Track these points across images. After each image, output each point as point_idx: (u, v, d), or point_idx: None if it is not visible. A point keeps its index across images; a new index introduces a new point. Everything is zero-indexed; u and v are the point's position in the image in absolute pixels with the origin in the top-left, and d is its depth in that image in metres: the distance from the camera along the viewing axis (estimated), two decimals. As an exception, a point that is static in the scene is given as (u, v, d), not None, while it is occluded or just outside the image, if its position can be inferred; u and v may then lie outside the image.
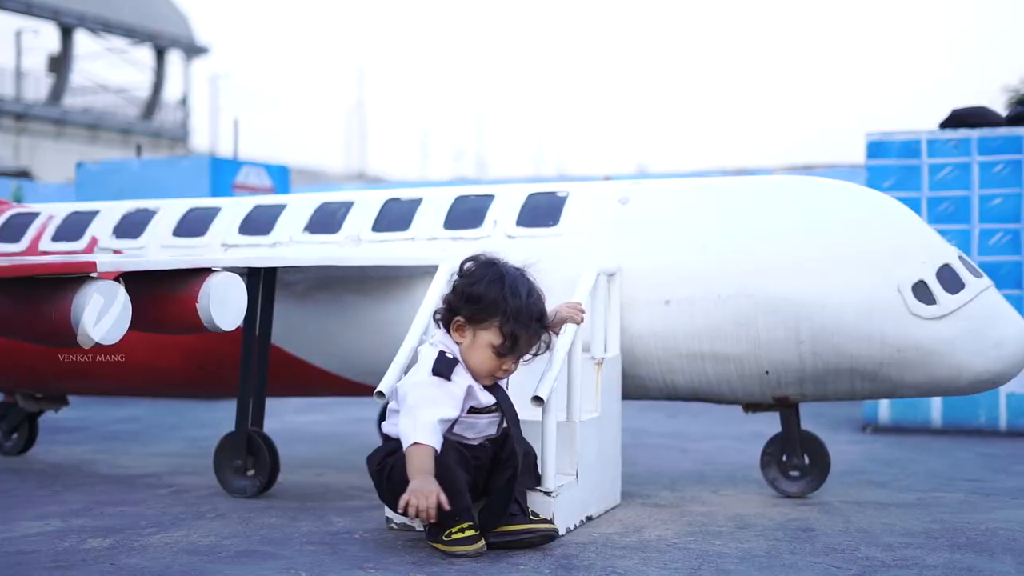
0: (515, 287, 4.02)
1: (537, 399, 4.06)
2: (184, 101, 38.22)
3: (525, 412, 4.31)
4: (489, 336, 3.99)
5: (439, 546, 3.85)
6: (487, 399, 4.03)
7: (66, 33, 33.82)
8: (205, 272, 4.36)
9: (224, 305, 4.35)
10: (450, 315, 4.07)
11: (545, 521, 4.06)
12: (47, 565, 3.68)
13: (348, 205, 5.53)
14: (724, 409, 9.16)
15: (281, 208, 5.63)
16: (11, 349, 5.71)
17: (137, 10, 35.51)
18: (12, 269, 4.13)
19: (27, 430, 6.38)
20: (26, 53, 34.04)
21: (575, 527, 4.34)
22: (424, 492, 3.70)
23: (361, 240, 5.36)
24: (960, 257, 4.87)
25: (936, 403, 7.61)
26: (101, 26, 34.56)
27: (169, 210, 5.83)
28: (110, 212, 5.93)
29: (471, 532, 3.85)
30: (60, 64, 34.11)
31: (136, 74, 37.06)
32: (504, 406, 4.07)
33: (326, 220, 5.49)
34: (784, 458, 5.14)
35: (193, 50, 38.09)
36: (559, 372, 4.19)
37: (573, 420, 4.40)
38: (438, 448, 3.84)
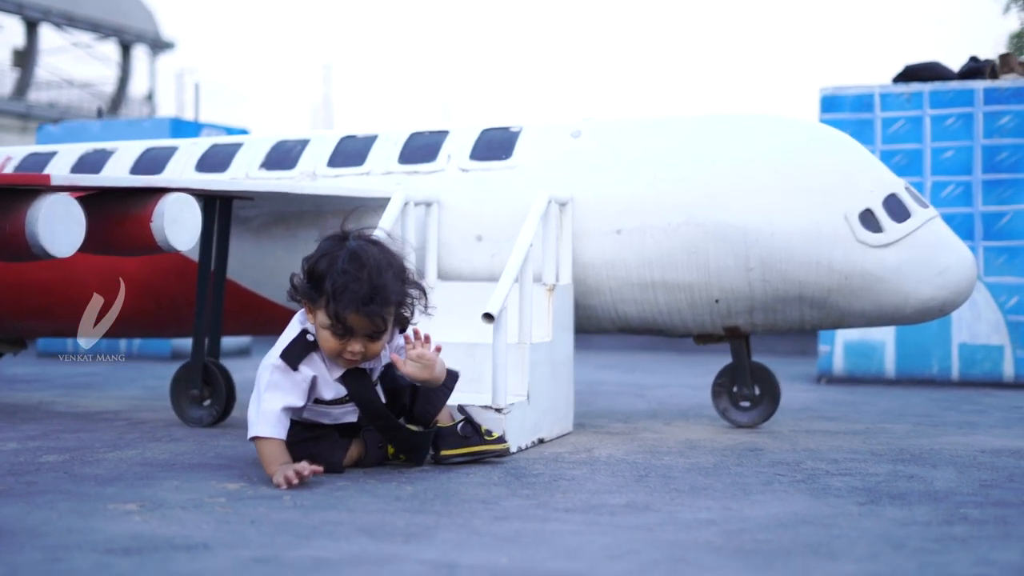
0: (344, 262, 3.61)
1: (487, 316, 4.11)
2: (150, 96, 38.02)
3: (476, 333, 4.39)
4: (322, 317, 3.63)
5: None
6: (333, 392, 3.76)
7: (31, 27, 33.52)
8: (159, 192, 4.40)
9: (178, 225, 4.38)
10: (296, 295, 3.76)
11: (500, 441, 4.07)
12: (2, 472, 3.72)
13: (304, 143, 5.58)
14: (681, 364, 9.27)
15: (238, 147, 5.68)
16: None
17: (102, 5, 35.25)
18: (-34, 179, 4.17)
19: (-16, 373, 6.40)
20: (-10, 48, 33.83)
21: (527, 447, 4.40)
22: (290, 471, 3.51)
23: (316, 175, 5.41)
24: (906, 188, 4.96)
25: (890, 353, 7.72)
26: (66, 20, 34.25)
27: (126, 151, 5.87)
28: (67, 153, 5.96)
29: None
30: (25, 58, 33.78)
31: (102, 69, 36.80)
32: (360, 400, 3.81)
33: (282, 157, 5.53)
34: (735, 389, 5.21)
35: (159, 45, 37.83)
36: (508, 293, 4.23)
37: (524, 342, 4.46)
38: (281, 437, 3.64)
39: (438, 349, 3.83)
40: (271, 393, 3.65)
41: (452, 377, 3.97)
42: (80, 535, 2.78)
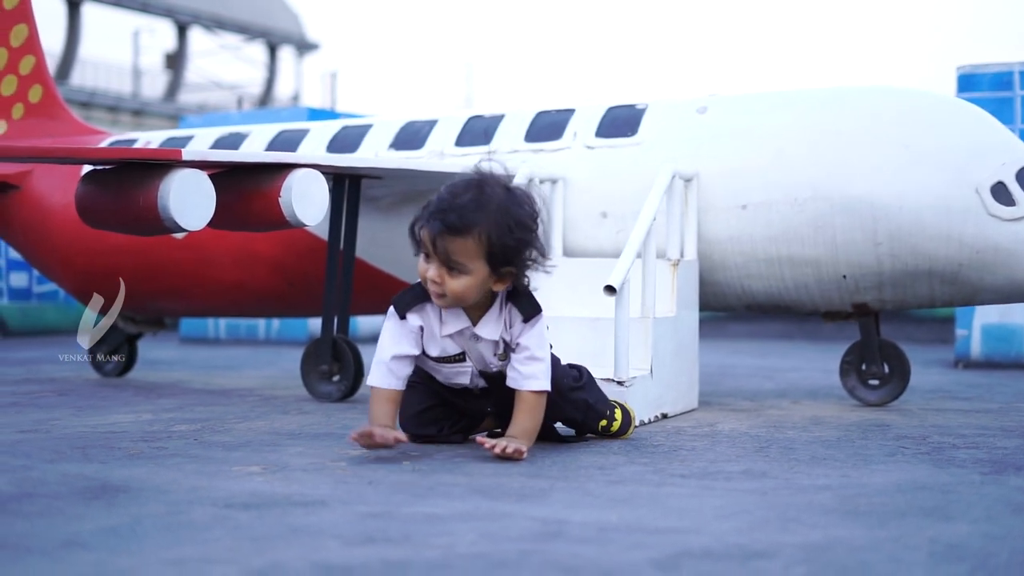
0: (452, 184, 3.42)
1: (609, 288, 4.11)
2: (296, 97, 38.73)
3: (601, 309, 4.39)
4: None
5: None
6: (438, 350, 3.61)
7: (181, 31, 34.44)
8: (288, 168, 4.48)
9: (306, 199, 4.47)
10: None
11: (620, 432, 3.92)
12: (135, 439, 3.84)
13: (432, 123, 5.65)
14: (815, 350, 9.18)
15: (367, 128, 5.77)
16: (109, 269, 5.91)
17: (249, 7, 36.05)
18: (104, 152, 4.31)
19: (127, 352, 6.55)
20: (143, 51, 34.78)
21: (649, 421, 4.40)
22: (382, 437, 3.44)
23: (444, 155, 5.47)
24: (1041, 160, 4.84)
25: (1029, 337, 7.55)
26: (215, 23, 35.11)
27: (259, 133, 5.99)
28: (204, 137, 6.11)
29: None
30: (175, 61, 34.69)
31: (250, 71, 37.62)
32: (498, 393, 3.67)
33: (410, 138, 5.61)
34: (863, 366, 5.15)
35: (304, 46, 38.53)
36: (630, 267, 4.23)
37: (647, 316, 4.46)
38: (393, 386, 3.55)
39: (518, 453, 3.43)
40: (384, 340, 3.58)
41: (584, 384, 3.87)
42: (203, 492, 2.85)
